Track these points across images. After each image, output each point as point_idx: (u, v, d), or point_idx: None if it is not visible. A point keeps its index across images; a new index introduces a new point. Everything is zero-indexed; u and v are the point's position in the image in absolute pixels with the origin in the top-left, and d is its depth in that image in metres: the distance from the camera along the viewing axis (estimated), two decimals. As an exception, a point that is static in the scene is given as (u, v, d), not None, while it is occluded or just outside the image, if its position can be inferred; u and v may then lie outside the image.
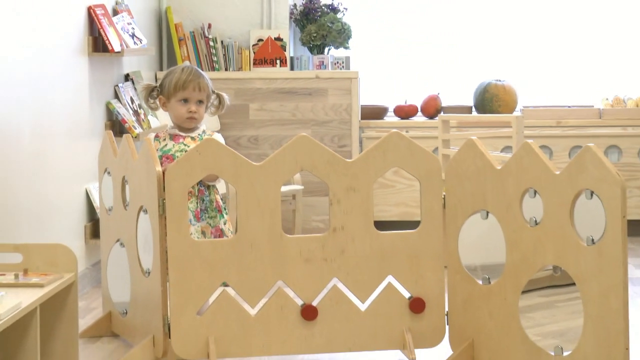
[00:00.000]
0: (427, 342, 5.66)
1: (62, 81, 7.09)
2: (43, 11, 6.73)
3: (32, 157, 6.51)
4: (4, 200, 6.09)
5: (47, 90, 6.82)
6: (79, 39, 7.39)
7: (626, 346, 5.01)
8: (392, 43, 9.74)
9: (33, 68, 6.57)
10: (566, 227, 5.16)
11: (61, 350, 4.82)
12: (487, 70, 9.49)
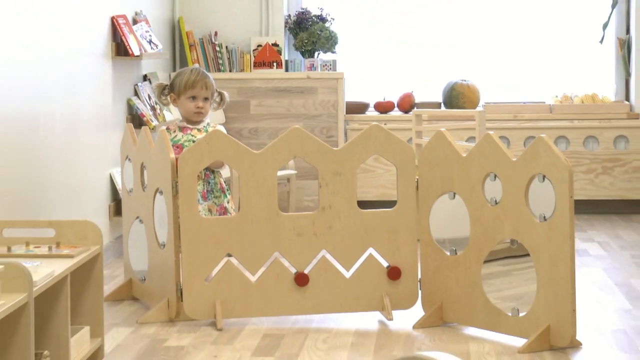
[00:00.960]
0: (403, 305, 5.68)
1: (90, 81, 7.09)
2: (73, 21, 6.73)
3: (63, 146, 6.51)
4: (39, 183, 6.10)
5: (77, 88, 6.82)
6: (104, 45, 7.39)
7: (573, 308, 5.04)
8: (373, 48, 9.73)
9: (65, 70, 6.57)
10: (522, 206, 5.19)
11: (88, 311, 4.83)
12: (454, 71, 9.48)
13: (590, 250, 7.57)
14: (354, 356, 5.04)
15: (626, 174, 9.16)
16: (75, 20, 6.80)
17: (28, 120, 5.99)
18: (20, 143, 5.85)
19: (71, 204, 6.59)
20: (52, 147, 6.31)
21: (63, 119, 6.53)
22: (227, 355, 5.05)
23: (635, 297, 6.15)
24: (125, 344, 5.24)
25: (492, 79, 9.56)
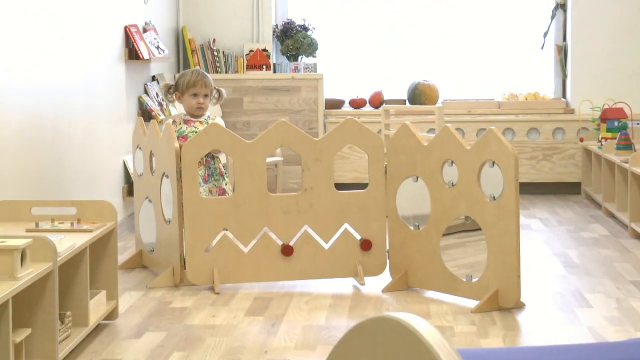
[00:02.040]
0: (373, 272, 5.68)
1: (106, 80, 7.07)
2: (92, 30, 6.71)
3: (84, 136, 6.50)
4: (63, 168, 6.08)
5: (95, 87, 6.81)
6: (118, 50, 7.37)
7: (518, 274, 5.05)
8: (348, 52, 9.71)
9: (85, 71, 6.55)
10: (474, 188, 5.20)
11: (105, 278, 4.83)
12: (417, 72, 9.48)
13: (532, 225, 7.59)
14: (332, 316, 5.04)
15: (563, 160, 9.18)
16: (94, 29, 6.79)
17: (54, 114, 5.97)
18: (46, 133, 5.84)
19: (90, 186, 6.58)
20: (73, 137, 6.30)
21: (83, 113, 6.52)
22: (224, 315, 5.05)
23: (570, 265, 6.17)
24: (137, 305, 5.23)
25: (449, 79, 9.55)
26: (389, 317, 1.98)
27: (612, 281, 5.71)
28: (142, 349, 4.48)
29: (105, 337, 4.65)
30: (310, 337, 4.66)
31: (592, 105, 8.97)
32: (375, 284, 5.60)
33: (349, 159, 8.97)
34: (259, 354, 4.39)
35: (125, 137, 7.26)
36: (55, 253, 3.98)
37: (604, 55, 9.29)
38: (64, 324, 4.23)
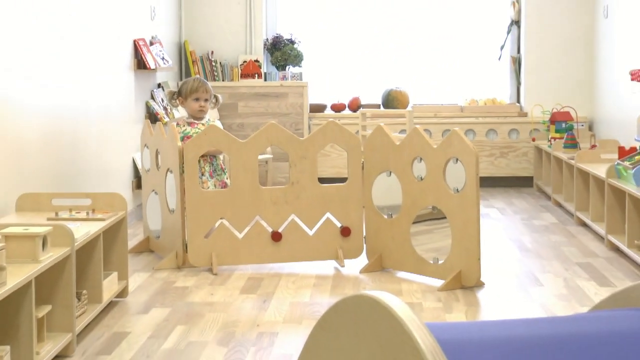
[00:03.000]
0: (352, 255, 5.68)
1: (117, 87, 7.06)
2: (106, 43, 6.70)
3: (98, 136, 6.48)
4: (79, 164, 6.07)
5: (109, 92, 6.79)
6: (128, 60, 7.35)
7: (478, 257, 5.05)
8: (330, 63, 9.71)
9: (100, 78, 6.54)
10: (440, 181, 5.20)
11: (116, 260, 4.82)
12: (390, 81, 9.48)
13: (491, 214, 7.60)
14: (315, 294, 5.04)
15: (517, 157, 9.20)
16: (108, 42, 6.78)
17: (72, 116, 5.95)
18: (65, 134, 5.82)
19: (103, 180, 6.56)
20: (89, 137, 6.29)
21: (98, 116, 6.50)
22: (221, 293, 5.04)
23: (524, 249, 6.18)
24: (144, 285, 5.22)
25: (418, 86, 9.56)
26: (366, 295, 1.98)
27: (560, 263, 5.73)
28: (149, 323, 4.47)
29: (116, 313, 4.65)
30: (296, 313, 4.66)
31: (542, 110, 8.99)
32: (353, 266, 5.60)
33: (331, 156, 8.97)
34: (251, 327, 4.39)
35: (134, 137, 7.25)
36: (73, 239, 3.98)
37: (553, 66, 9.32)
38: (81, 301, 4.23)
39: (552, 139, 8.37)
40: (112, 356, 3.97)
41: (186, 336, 4.25)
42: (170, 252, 5.67)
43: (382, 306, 1.93)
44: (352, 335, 2.06)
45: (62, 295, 3.96)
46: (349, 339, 2.07)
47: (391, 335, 1.89)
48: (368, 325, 1.99)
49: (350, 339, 2.07)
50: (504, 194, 8.82)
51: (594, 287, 5.10)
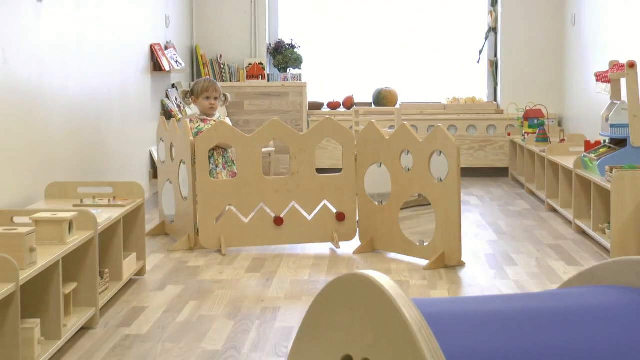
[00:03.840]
0: (346, 238, 5.68)
1: (136, 87, 7.06)
2: (126, 47, 6.70)
3: (118, 131, 6.49)
4: (102, 156, 6.07)
5: (128, 92, 6.79)
6: (145, 63, 7.35)
7: (459, 239, 5.05)
8: (327, 65, 9.72)
9: (120, 79, 6.54)
10: (426, 172, 5.20)
11: (135, 243, 4.82)
12: (380, 81, 9.48)
13: (471, 201, 7.60)
14: (314, 273, 5.04)
15: (494, 150, 9.20)
16: (127, 47, 6.78)
17: (95, 113, 5.95)
18: (89, 129, 5.82)
19: (123, 170, 6.57)
20: (111, 132, 6.29)
21: (118, 113, 6.51)
22: (229, 272, 5.04)
23: (500, 232, 6.18)
24: (160, 264, 5.22)
25: (406, 86, 9.56)
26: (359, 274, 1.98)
27: (532, 245, 5.73)
28: (164, 298, 4.47)
29: (135, 290, 4.65)
30: (296, 289, 4.66)
31: (517, 107, 9.00)
32: (348, 248, 5.60)
33: (327, 149, 8.96)
34: (256, 303, 4.39)
35: (151, 132, 7.25)
36: (96, 223, 3.98)
37: (526, 68, 9.32)
38: (103, 279, 4.22)
39: (525, 133, 8.37)
40: (132, 328, 3.97)
41: (198, 310, 4.26)
42: (183, 235, 5.67)
43: (373, 284, 1.93)
44: (346, 310, 2.06)
45: (86, 273, 3.96)
46: (343, 314, 2.07)
47: (381, 309, 1.89)
48: (361, 301, 1.98)
49: (345, 313, 2.07)
50: (482, 183, 8.83)
51: (562, 267, 5.11)
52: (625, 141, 5.70)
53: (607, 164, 5.65)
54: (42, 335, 3.46)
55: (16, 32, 4.65)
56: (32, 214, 3.80)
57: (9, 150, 4.56)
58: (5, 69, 4.51)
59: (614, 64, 6.05)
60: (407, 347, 1.77)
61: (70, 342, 3.73)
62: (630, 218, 5.17)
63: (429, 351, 1.73)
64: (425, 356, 1.71)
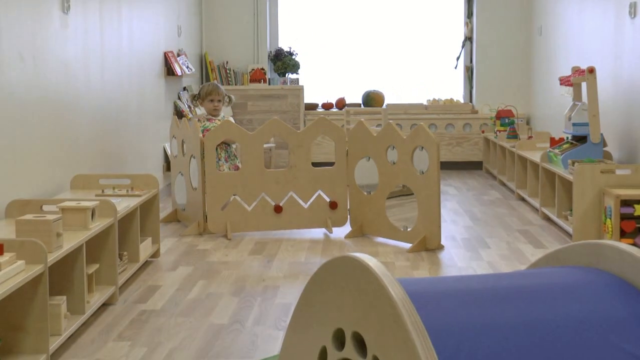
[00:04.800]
0: (338, 224, 5.67)
1: (151, 90, 7.04)
2: (142, 55, 6.68)
3: (136, 128, 6.47)
4: (121, 151, 6.06)
5: (144, 94, 6.78)
6: (160, 68, 7.33)
7: (439, 225, 5.05)
8: (320, 70, 9.70)
9: (138, 83, 6.52)
10: (409, 165, 5.19)
11: (151, 228, 4.81)
12: (369, 84, 9.48)
13: (449, 191, 7.60)
14: (309, 255, 5.04)
15: (470, 146, 9.20)
16: (144, 54, 6.76)
17: (116, 112, 5.94)
18: (110, 127, 5.81)
19: (140, 164, 6.56)
20: (129, 129, 6.28)
21: (136, 112, 6.49)
22: (234, 254, 5.04)
23: (475, 219, 6.19)
24: (173, 248, 5.22)
25: (391, 89, 9.56)
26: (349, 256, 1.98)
27: (503, 230, 5.74)
28: (176, 278, 4.47)
29: (151, 270, 4.65)
30: (294, 270, 4.66)
31: (490, 108, 9.00)
32: (340, 233, 5.60)
33: (322, 145, 8.94)
34: (258, 282, 4.39)
35: (165, 130, 7.24)
36: (116, 211, 3.97)
37: (498, 73, 9.32)
38: (122, 261, 4.22)
39: (497, 131, 8.37)
40: (148, 304, 3.97)
41: (206, 288, 4.25)
42: (194, 222, 5.66)
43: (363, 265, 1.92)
44: (338, 288, 2.06)
45: (107, 256, 3.96)
46: (336, 292, 2.07)
47: (370, 288, 1.89)
48: (351, 280, 1.98)
49: (337, 291, 2.06)
50: (459, 175, 8.83)
51: (530, 249, 5.11)
52: (586, 138, 5.71)
53: (570, 158, 5.65)
54: (68, 310, 3.46)
55: (45, 41, 4.64)
56: (59, 202, 3.79)
57: (39, 147, 4.55)
58: (35, 74, 4.50)
59: (576, 69, 6.05)
60: (393, 322, 1.77)
61: (93, 316, 3.73)
62: (590, 206, 5.18)
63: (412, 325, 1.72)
64: (408, 329, 1.70)
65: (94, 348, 3.35)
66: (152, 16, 7.15)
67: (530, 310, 1.91)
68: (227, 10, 9.32)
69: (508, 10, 9.28)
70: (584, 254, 2.18)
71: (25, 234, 3.22)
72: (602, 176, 5.19)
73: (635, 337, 1.87)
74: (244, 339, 3.45)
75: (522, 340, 1.78)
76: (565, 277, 2.08)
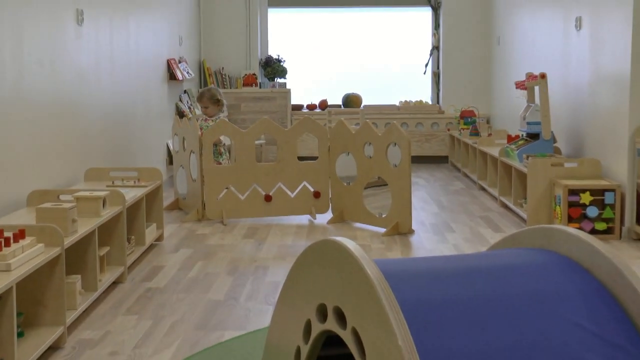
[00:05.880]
0: (321, 211, 5.66)
1: (156, 92, 7.00)
2: (148, 61, 6.64)
3: (142, 126, 6.44)
4: (129, 147, 6.02)
5: (150, 96, 6.73)
6: (163, 74, 7.28)
7: (410, 212, 5.06)
8: (305, 76, 9.68)
9: (144, 86, 6.48)
10: (384, 159, 5.20)
11: (155, 215, 4.80)
12: (348, 87, 9.47)
13: (419, 182, 7.61)
14: (296, 239, 5.04)
15: (437, 143, 9.20)
16: (149, 61, 6.72)
17: (124, 112, 5.91)
18: (119, 125, 5.78)
19: (146, 158, 6.52)
20: (136, 127, 6.24)
21: (142, 112, 6.46)
22: (229, 237, 5.03)
23: (442, 207, 6.20)
24: (175, 232, 5.21)
25: (368, 92, 9.54)
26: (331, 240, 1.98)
27: (467, 216, 5.76)
28: (178, 259, 4.46)
29: (155, 252, 4.63)
30: (282, 252, 4.66)
31: (455, 109, 9.01)
32: (322, 219, 5.60)
33: (306, 142, 8.91)
34: (250, 262, 4.39)
35: (167, 128, 7.21)
36: (124, 200, 3.95)
37: (462, 78, 9.33)
38: (130, 244, 4.21)
39: (461, 129, 8.39)
40: (153, 282, 3.96)
41: (204, 269, 4.25)
42: (193, 209, 5.65)
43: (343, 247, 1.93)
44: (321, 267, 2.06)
45: (117, 239, 3.94)
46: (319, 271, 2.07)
47: (349, 267, 1.89)
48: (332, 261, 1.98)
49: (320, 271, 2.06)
50: (428, 168, 8.85)
51: (490, 233, 5.14)
52: (538, 135, 5.73)
53: (524, 152, 5.67)
54: (82, 287, 3.45)
55: (61, 49, 4.61)
56: (74, 192, 3.78)
57: (56, 143, 4.52)
58: (53, 79, 4.47)
59: (530, 75, 6.07)
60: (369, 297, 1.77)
61: (104, 293, 3.72)
62: (542, 195, 5.20)
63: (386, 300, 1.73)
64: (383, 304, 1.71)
65: (105, 321, 3.35)
66: (156, 27, 7.11)
67: (490, 287, 1.92)
68: (223, 22, 9.29)
69: (470, 23, 9.29)
70: (536, 237, 2.19)
71: (44, 220, 3.22)
72: (552, 169, 5.22)
73: (581, 309, 1.88)
74: (238, 313, 3.45)
75: (483, 312, 1.79)
76: (520, 257, 2.09)
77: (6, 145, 3.84)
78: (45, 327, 3.03)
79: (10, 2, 3.93)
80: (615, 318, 1.84)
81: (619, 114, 4.99)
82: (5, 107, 3.85)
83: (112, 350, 3.00)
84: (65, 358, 2.93)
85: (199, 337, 3.14)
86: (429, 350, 1.66)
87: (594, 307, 1.85)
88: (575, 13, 5.83)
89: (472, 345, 1.69)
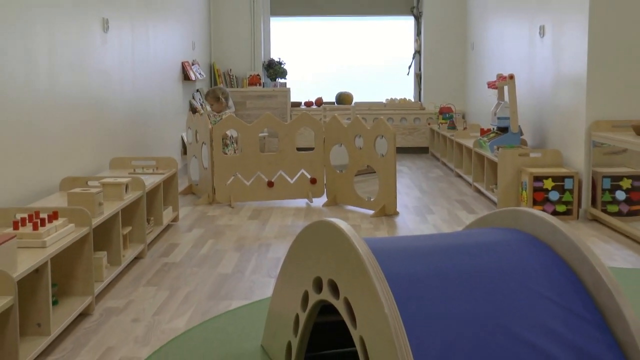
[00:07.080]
0: (317, 195, 5.64)
1: (172, 91, 6.97)
2: (165, 63, 6.60)
3: (161, 120, 6.41)
4: (148, 139, 6.00)
5: (166, 94, 6.70)
6: (178, 75, 7.25)
7: (395, 196, 5.05)
8: (303, 76, 9.64)
9: (161, 86, 6.45)
10: (372, 150, 5.19)
11: (171, 199, 4.79)
12: (341, 86, 9.43)
13: (403, 170, 7.60)
14: (294, 220, 5.03)
15: (419, 135, 9.18)
16: (166, 63, 6.68)
17: (144, 109, 5.88)
18: (140, 120, 5.75)
19: (163, 149, 6.50)
20: (155, 122, 6.21)
21: (160, 108, 6.42)
22: (236, 219, 5.03)
23: (424, 191, 6.20)
24: (188, 214, 5.20)
25: (358, 90, 9.51)
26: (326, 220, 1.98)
27: (445, 200, 5.76)
28: (192, 237, 4.46)
29: (172, 231, 4.63)
30: (283, 231, 4.66)
31: (434, 105, 8.99)
32: (318, 202, 5.59)
33: (304, 134, 8.90)
34: (255, 240, 4.38)
35: (182, 122, 7.18)
36: (144, 186, 3.94)
37: (441, 78, 9.30)
38: (149, 224, 4.20)
39: (440, 123, 8.37)
40: (169, 258, 3.96)
41: (214, 246, 4.25)
42: (205, 194, 5.63)
43: (336, 227, 1.93)
44: (316, 245, 2.06)
45: (138, 220, 3.93)
46: (315, 248, 2.07)
47: (341, 245, 1.89)
48: (327, 239, 1.98)
49: (316, 248, 2.06)
50: (410, 157, 8.83)
51: (465, 215, 5.14)
52: (507, 129, 5.73)
53: (495, 144, 5.67)
54: (108, 262, 3.45)
55: (89, 54, 4.59)
56: (100, 179, 3.77)
57: (85, 136, 4.51)
58: (82, 80, 4.45)
59: (500, 76, 6.06)
60: (359, 271, 1.77)
61: (127, 267, 3.72)
62: (510, 181, 5.21)
63: (374, 273, 1.73)
64: (371, 277, 1.71)
65: (128, 291, 3.35)
66: (172, 34, 7.07)
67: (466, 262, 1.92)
68: (230, 29, 9.25)
69: (448, 31, 9.26)
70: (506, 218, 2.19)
71: (74, 203, 3.22)
72: (519, 158, 5.22)
73: (544, 280, 1.89)
74: (244, 285, 3.45)
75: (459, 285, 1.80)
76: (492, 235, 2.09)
77: (42, 138, 3.83)
78: (76, 297, 3.03)
79: (44, 13, 3.91)
80: (574, 289, 1.84)
81: (577, 111, 4.99)
82: (41, 105, 3.84)
83: (134, 317, 3.01)
84: (93, 323, 2.93)
85: (209, 305, 3.15)
86: (412, 317, 1.67)
87: (555, 279, 1.85)
88: (539, 22, 5.83)
89: (450, 313, 1.70)
